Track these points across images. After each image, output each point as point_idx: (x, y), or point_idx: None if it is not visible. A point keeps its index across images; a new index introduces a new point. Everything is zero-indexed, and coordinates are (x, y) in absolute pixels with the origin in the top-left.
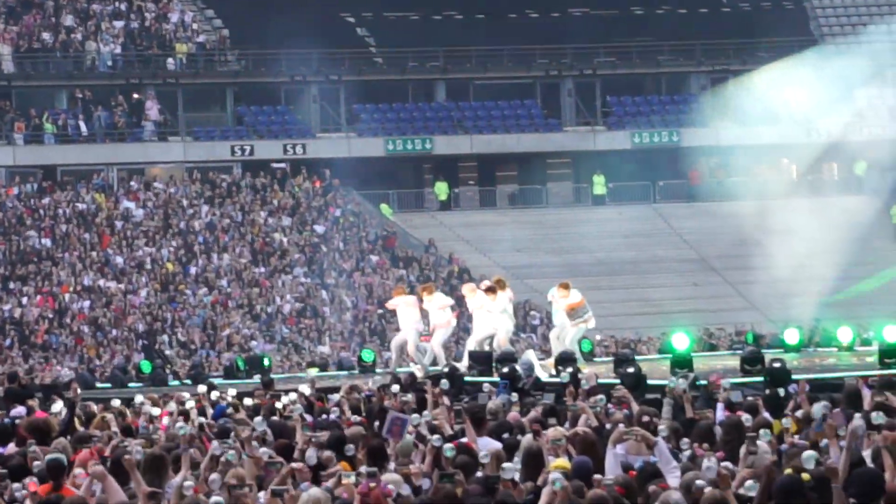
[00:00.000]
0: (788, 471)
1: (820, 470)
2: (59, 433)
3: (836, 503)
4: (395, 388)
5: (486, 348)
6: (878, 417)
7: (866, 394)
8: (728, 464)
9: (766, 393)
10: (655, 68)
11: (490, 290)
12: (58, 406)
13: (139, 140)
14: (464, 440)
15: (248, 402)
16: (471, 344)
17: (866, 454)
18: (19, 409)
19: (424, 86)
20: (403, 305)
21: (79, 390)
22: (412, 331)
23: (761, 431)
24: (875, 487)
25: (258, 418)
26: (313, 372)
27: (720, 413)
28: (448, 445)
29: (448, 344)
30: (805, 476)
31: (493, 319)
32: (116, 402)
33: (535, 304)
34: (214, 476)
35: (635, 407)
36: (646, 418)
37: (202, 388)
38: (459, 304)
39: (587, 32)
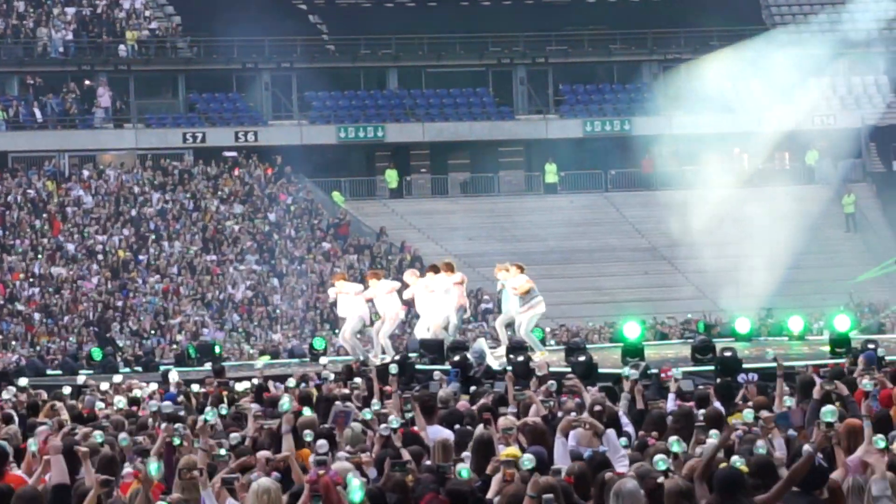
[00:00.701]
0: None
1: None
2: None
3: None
4: (331, 376)
5: (438, 333)
6: (827, 414)
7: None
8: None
9: (717, 382)
10: (607, 57)
11: (432, 268)
12: (8, 394)
13: (90, 127)
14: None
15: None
16: (419, 330)
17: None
18: None
19: (376, 73)
20: (344, 292)
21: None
22: (355, 317)
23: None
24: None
25: (208, 408)
26: (264, 360)
27: (671, 403)
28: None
29: (393, 335)
30: (743, 468)
31: (433, 301)
32: (67, 390)
33: (487, 292)
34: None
35: (586, 396)
36: (597, 408)
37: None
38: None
39: (539, 20)
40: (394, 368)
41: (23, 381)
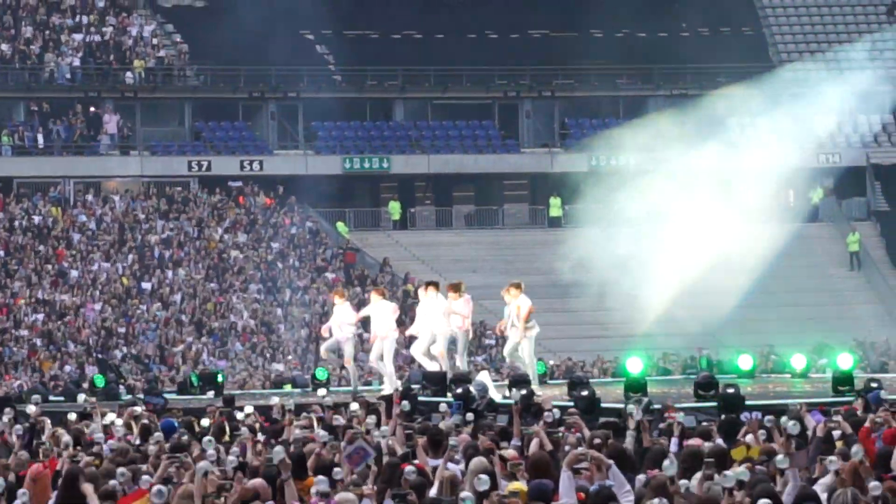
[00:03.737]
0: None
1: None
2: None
3: None
4: (354, 406)
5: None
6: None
7: (811, 420)
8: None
9: (722, 418)
10: (613, 91)
11: (431, 284)
12: (6, 417)
13: (96, 153)
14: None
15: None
16: (416, 351)
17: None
18: None
19: (382, 105)
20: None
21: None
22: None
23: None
24: None
25: (206, 438)
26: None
27: (674, 446)
28: (409, 469)
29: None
30: None
31: (432, 320)
32: (73, 416)
33: (490, 325)
34: (160, 489)
35: (586, 431)
36: (597, 441)
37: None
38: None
39: (546, 54)
40: (405, 405)
41: (31, 408)
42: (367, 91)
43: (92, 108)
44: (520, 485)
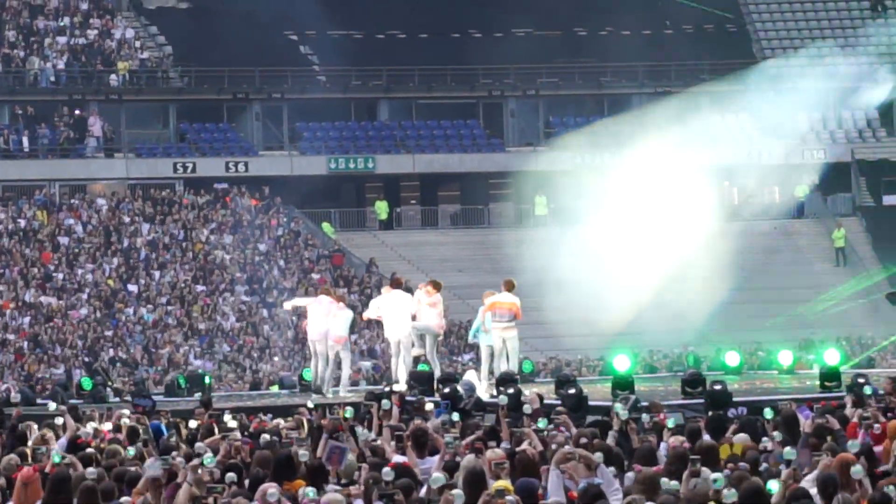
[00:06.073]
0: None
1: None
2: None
3: None
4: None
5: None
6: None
7: (803, 418)
8: None
9: (710, 416)
10: (598, 89)
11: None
12: None
13: (81, 156)
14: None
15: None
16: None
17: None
18: None
19: (367, 105)
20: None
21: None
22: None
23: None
24: None
25: (199, 443)
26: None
27: (664, 450)
28: (386, 470)
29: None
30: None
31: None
32: (60, 421)
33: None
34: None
35: (573, 430)
36: (584, 440)
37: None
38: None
39: (530, 53)
40: (386, 404)
41: (52, 405)
42: (352, 91)
43: (77, 111)
44: (505, 482)
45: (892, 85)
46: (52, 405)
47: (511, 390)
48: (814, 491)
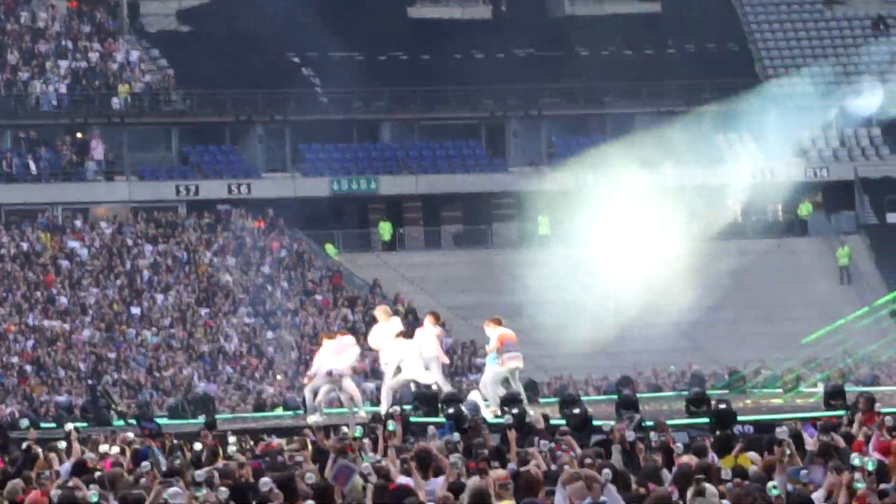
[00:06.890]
0: None
1: None
2: (13, 475)
3: None
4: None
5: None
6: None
7: (807, 436)
8: None
9: (717, 435)
10: (600, 109)
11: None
12: None
13: (84, 180)
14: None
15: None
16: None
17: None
18: None
19: (369, 126)
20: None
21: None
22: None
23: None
24: None
25: (199, 472)
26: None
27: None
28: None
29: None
30: None
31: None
32: (62, 444)
33: (481, 345)
34: None
35: (577, 450)
36: (588, 461)
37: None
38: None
39: (532, 73)
40: (391, 425)
41: (69, 426)
42: (354, 112)
43: (79, 135)
44: (510, 503)
45: (881, 94)
46: (70, 426)
47: (516, 410)
48: None
